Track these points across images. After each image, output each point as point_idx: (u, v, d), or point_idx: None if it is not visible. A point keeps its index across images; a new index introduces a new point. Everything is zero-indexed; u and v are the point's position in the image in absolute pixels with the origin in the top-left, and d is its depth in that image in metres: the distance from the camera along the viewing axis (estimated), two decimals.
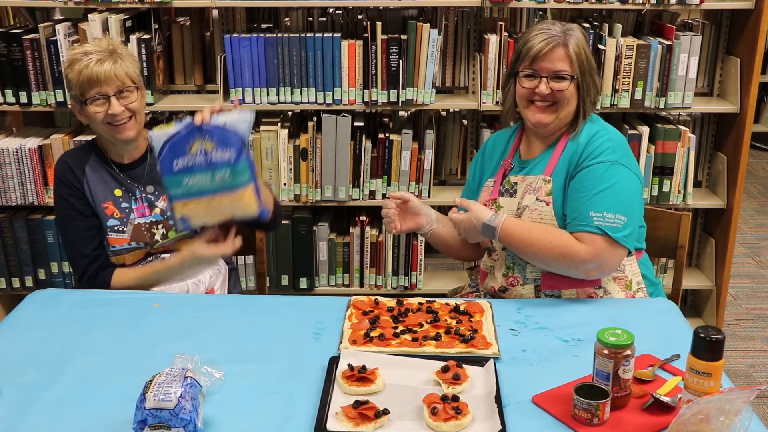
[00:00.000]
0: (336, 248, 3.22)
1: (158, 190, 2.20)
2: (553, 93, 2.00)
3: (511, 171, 2.14)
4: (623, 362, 1.50)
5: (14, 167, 3.03)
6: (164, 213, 2.19)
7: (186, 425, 1.40)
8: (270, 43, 2.93)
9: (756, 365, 3.28)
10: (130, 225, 2.16)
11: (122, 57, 2.09)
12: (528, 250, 1.98)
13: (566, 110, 2.03)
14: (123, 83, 2.08)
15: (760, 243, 4.51)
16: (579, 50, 2.00)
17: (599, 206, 1.93)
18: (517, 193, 2.09)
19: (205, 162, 1.89)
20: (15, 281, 3.20)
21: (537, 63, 2.01)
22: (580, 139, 2.03)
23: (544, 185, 2.03)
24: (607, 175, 1.96)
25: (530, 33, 2.04)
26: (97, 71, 2.04)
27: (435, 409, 1.48)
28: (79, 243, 2.15)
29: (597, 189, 1.95)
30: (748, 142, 3.07)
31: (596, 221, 1.93)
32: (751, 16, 2.96)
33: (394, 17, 3.15)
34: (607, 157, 1.97)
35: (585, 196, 1.96)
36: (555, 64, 2.00)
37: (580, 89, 2.02)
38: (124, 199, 2.18)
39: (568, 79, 2.00)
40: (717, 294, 3.27)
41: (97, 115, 2.07)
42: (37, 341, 1.81)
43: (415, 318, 1.88)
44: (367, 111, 3.29)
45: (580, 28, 2.06)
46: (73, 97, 2.11)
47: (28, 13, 3.15)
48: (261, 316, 1.95)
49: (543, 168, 2.06)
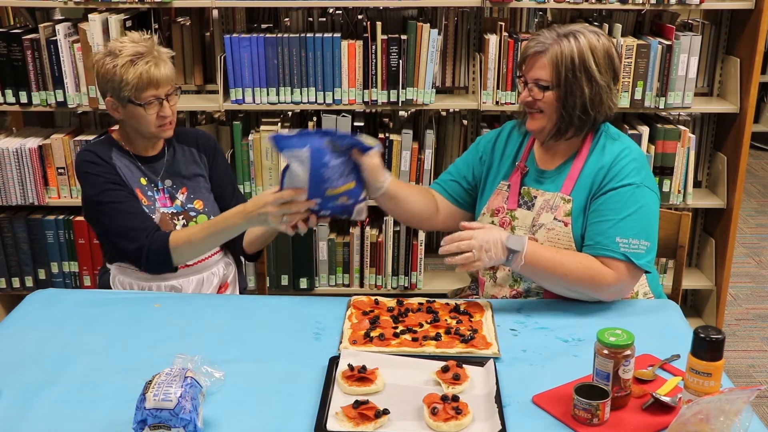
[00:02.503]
0: (336, 248, 3.22)
1: (177, 184, 2.24)
2: (534, 100, 1.97)
3: (526, 177, 2.07)
4: (623, 362, 1.50)
5: (14, 167, 3.03)
6: (184, 205, 2.22)
7: (186, 425, 1.40)
8: (270, 43, 2.93)
9: (756, 365, 3.29)
10: (157, 213, 2.18)
11: (166, 60, 2.12)
12: (555, 272, 1.89)
13: (551, 119, 1.97)
14: (171, 86, 2.13)
15: (760, 243, 4.51)
16: (561, 59, 1.91)
17: (625, 232, 1.89)
18: (534, 208, 2.03)
19: None
20: (15, 281, 3.20)
21: (523, 69, 1.99)
22: (604, 159, 1.97)
23: (563, 204, 1.98)
24: (633, 198, 1.92)
25: (531, 37, 2.02)
26: (156, 75, 2.07)
27: (435, 409, 1.48)
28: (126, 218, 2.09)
29: (624, 213, 1.91)
30: (748, 142, 3.07)
31: (622, 248, 1.89)
32: (751, 16, 2.96)
33: (394, 17, 3.15)
34: (633, 179, 1.93)
35: (611, 220, 1.91)
36: (535, 71, 1.95)
37: (561, 97, 1.93)
38: (149, 188, 2.21)
39: (546, 89, 1.94)
40: (717, 294, 3.27)
41: (150, 117, 2.10)
42: (37, 341, 1.81)
43: (415, 318, 1.88)
44: (367, 111, 3.29)
45: (593, 33, 1.95)
46: (119, 96, 2.09)
47: (28, 13, 3.15)
48: (261, 316, 1.95)
49: (560, 184, 2.00)
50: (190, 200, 2.24)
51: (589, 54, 1.93)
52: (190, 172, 2.26)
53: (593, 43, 1.93)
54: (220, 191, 2.32)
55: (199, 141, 2.31)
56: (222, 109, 3.06)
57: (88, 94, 2.96)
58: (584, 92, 1.93)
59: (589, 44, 1.93)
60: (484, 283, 2.13)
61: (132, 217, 2.10)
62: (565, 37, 1.93)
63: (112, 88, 2.09)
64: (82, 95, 2.97)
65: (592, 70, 1.93)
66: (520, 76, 2.01)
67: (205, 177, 2.29)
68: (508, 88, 3.00)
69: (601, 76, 1.94)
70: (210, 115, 3.43)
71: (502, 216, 2.07)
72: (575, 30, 1.95)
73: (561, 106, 1.95)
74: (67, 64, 2.93)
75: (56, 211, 3.15)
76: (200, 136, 2.34)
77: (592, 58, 1.93)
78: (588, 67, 1.92)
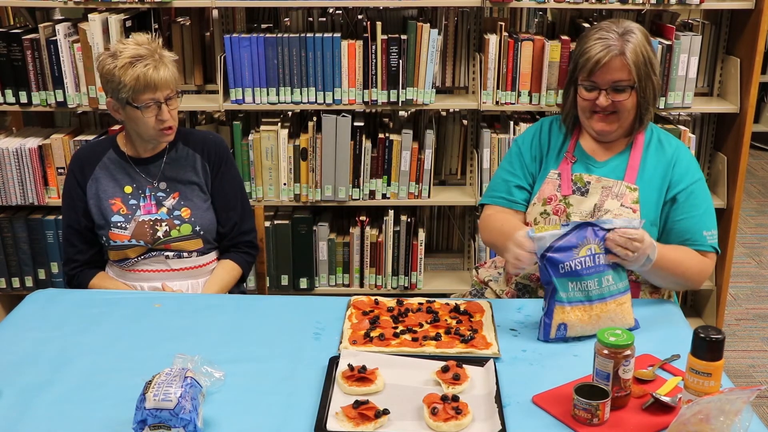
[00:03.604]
0: (336, 248, 3.22)
1: (170, 188, 2.23)
2: (613, 103, 1.99)
3: (575, 165, 2.10)
4: (623, 362, 1.50)
5: (14, 167, 3.03)
6: (170, 212, 2.21)
7: (186, 425, 1.40)
8: (270, 43, 2.93)
9: (756, 365, 3.28)
10: (133, 222, 2.19)
11: (167, 63, 2.11)
12: (675, 272, 1.95)
13: (629, 117, 2.03)
14: (172, 90, 2.12)
15: (760, 243, 4.51)
16: (637, 56, 1.96)
17: (708, 225, 2.02)
18: (590, 193, 2.06)
19: (593, 265, 1.78)
20: (15, 281, 3.20)
21: (595, 75, 1.98)
22: (667, 153, 2.05)
23: (629, 192, 2.02)
24: (705, 193, 2.05)
25: (588, 41, 2.00)
26: (154, 78, 2.06)
27: (435, 409, 1.48)
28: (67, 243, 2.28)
29: (702, 209, 2.03)
30: (748, 142, 3.07)
31: (709, 240, 2.01)
32: (751, 16, 2.96)
33: (394, 17, 3.15)
34: (699, 174, 2.06)
35: (695, 216, 2.01)
36: (613, 74, 1.96)
37: (638, 94, 1.99)
38: (133, 197, 2.21)
39: (627, 89, 1.97)
40: (717, 294, 3.27)
41: (148, 120, 2.10)
42: (37, 341, 1.81)
43: (415, 318, 1.88)
44: (367, 111, 3.29)
45: (640, 27, 2.00)
46: (118, 98, 2.10)
47: (28, 13, 3.15)
48: (261, 316, 1.95)
49: (622, 173, 2.05)
50: (178, 207, 2.22)
51: (648, 46, 2.01)
52: (186, 178, 2.24)
53: (645, 33, 2.02)
54: (223, 203, 2.28)
55: (207, 147, 2.27)
56: (222, 109, 3.06)
57: (88, 94, 2.96)
58: (654, 84, 2.02)
59: (644, 36, 2.00)
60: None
61: (68, 246, 2.27)
62: (626, 34, 1.98)
63: (112, 89, 2.09)
64: (82, 95, 2.97)
65: (654, 61, 2.02)
66: (588, 86, 2.00)
67: (200, 186, 2.25)
68: (508, 88, 3.00)
69: (657, 64, 2.03)
70: (210, 115, 3.43)
71: (555, 204, 2.09)
72: (628, 25, 2.00)
73: (638, 104, 2.01)
74: (67, 64, 2.93)
75: (56, 211, 3.15)
76: (209, 142, 2.28)
77: (650, 49, 2.01)
78: (651, 59, 2.00)
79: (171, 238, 2.20)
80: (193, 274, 2.24)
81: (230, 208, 2.28)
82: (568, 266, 1.77)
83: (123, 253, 2.20)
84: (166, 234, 2.19)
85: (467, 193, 3.25)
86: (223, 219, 2.27)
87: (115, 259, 2.23)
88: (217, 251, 2.31)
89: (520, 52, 2.96)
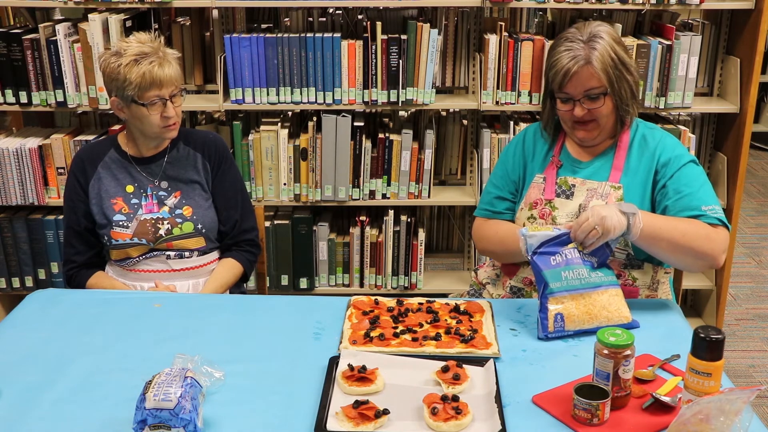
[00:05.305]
0: (336, 248, 3.22)
1: (172, 187, 2.23)
2: (590, 112, 1.99)
3: (561, 169, 2.11)
4: (623, 362, 1.50)
5: (14, 167, 3.03)
6: (172, 211, 2.21)
7: (186, 425, 1.40)
8: (270, 43, 2.93)
9: (756, 365, 3.28)
10: (135, 221, 2.19)
11: (171, 60, 2.12)
12: (673, 233, 1.87)
13: (609, 122, 2.03)
14: (176, 87, 2.13)
15: (760, 243, 4.51)
16: (605, 61, 1.94)
17: (707, 200, 1.95)
18: (575, 196, 2.06)
19: (580, 258, 1.85)
20: (15, 281, 3.20)
21: (566, 86, 1.98)
22: (649, 146, 2.04)
23: (613, 191, 2.02)
24: (696, 172, 2.00)
25: (555, 54, 2.00)
26: (159, 75, 2.07)
27: (435, 409, 1.48)
28: (67, 243, 2.29)
29: (695, 186, 1.97)
30: (748, 142, 3.07)
31: (711, 213, 1.93)
32: (751, 16, 2.96)
33: (394, 17, 3.15)
34: (688, 157, 2.01)
35: (690, 194, 1.96)
36: (584, 84, 1.96)
37: (614, 98, 1.99)
38: (135, 196, 2.22)
39: (601, 96, 1.97)
40: (717, 294, 3.27)
41: (153, 117, 2.11)
42: (37, 341, 1.81)
43: (415, 318, 1.88)
44: (367, 111, 3.29)
45: (607, 29, 2.00)
46: (123, 96, 2.11)
47: (28, 13, 3.15)
48: (261, 316, 1.95)
49: (606, 175, 2.05)
50: (180, 205, 2.23)
51: (616, 46, 1.99)
52: (187, 176, 2.25)
53: (612, 34, 2.00)
54: (224, 202, 2.28)
55: (207, 146, 2.28)
56: (222, 109, 3.06)
57: (88, 94, 2.96)
58: (630, 83, 2.00)
59: (611, 37, 1.99)
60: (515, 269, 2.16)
61: (67, 246, 2.28)
62: (592, 41, 1.96)
63: (117, 87, 2.10)
64: (82, 95, 2.98)
65: (625, 59, 1.99)
66: (563, 98, 2.00)
67: (202, 185, 2.26)
68: (507, 88, 3.00)
69: (631, 62, 2.01)
70: (210, 115, 3.43)
71: (540, 208, 2.09)
72: (593, 30, 1.98)
73: (615, 107, 2.00)
74: (67, 64, 2.93)
75: (56, 211, 3.15)
76: (209, 141, 2.30)
77: (619, 48, 1.99)
78: (622, 59, 1.99)
79: (173, 236, 2.20)
80: (194, 274, 2.24)
81: (231, 206, 2.29)
82: (559, 258, 1.83)
83: (125, 252, 2.21)
84: (168, 232, 2.20)
85: (467, 193, 3.25)
86: (224, 218, 2.27)
87: (116, 259, 2.24)
88: (218, 251, 2.32)
89: (520, 52, 2.96)
